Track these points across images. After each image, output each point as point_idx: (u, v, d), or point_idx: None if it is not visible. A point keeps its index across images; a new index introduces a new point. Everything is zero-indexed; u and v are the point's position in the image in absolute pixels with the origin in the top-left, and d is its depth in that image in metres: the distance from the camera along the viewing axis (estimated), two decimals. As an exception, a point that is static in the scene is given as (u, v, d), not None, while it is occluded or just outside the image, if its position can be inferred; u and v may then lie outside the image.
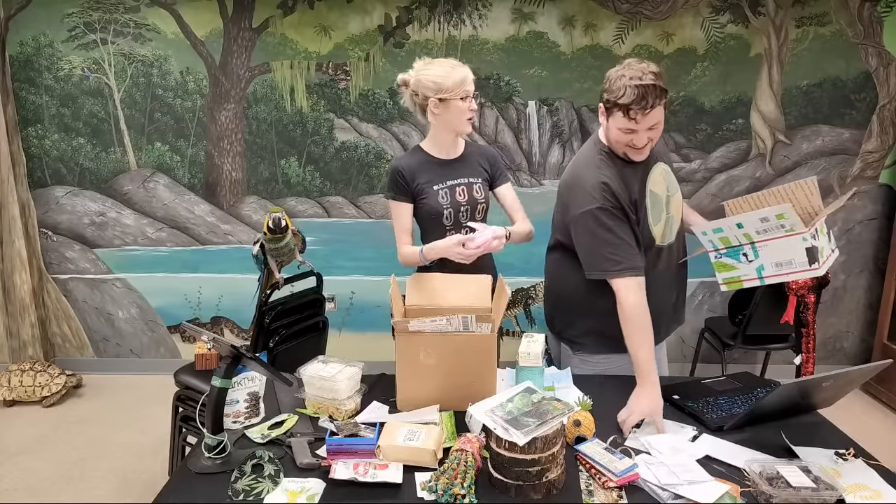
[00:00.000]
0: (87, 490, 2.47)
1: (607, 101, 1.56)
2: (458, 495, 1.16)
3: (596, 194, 1.59)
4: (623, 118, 1.52)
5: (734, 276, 1.66)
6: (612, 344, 1.76)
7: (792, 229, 1.51)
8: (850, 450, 1.34)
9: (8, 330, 3.46)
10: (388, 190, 1.97)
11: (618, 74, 1.53)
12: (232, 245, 3.49)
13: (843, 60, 3.16)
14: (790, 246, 1.52)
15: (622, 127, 1.54)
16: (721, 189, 3.34)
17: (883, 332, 3.28)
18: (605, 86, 1.57)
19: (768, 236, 1.55)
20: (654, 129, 1.56)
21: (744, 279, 1.65)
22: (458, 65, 1.85)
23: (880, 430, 2.98)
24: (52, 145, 3.35)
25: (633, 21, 3.15)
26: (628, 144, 1.58)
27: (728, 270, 1.66)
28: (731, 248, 1.63)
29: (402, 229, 1.96)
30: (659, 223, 1.68)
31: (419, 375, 1.50)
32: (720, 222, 1.62)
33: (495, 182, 2.01)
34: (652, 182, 1.68)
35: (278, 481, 1.24)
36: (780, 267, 1.57)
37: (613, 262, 1.59)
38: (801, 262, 1.53)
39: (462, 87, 1.82)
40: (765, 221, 1.53)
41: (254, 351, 2.26)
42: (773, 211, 1.51)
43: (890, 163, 3.29)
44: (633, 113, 1.50)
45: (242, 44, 3.22)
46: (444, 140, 1.94)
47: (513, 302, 3.47)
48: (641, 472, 1.24)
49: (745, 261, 1.62)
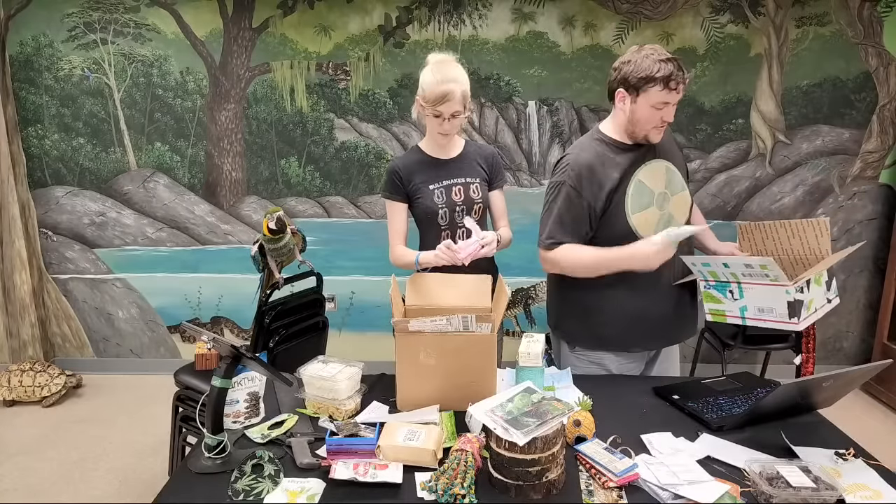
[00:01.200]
0: (87, 490, 2.47)
1: (640, 80, 1.58)
2: (458, 495, 1.16)
3: (562, 170, 1.69)
4: (661, 91, 1.56)
5: (720, 309, 1.69)
6: (611, 342, 1.77)
7: (776, 280, 1.52)
8: (850, 450, 1.34)
9: (8, 330, 3.46)
10: (384, 189, 1.97)
11: (641, 55, 1.59)
12: (232, 245, 3.49)
13: (843, 60, 3.16)
14: (774, 295, 1.55)
15: (658, 102, 1.58)
16: (721, 189, 3.34)
17: (883, 332, 3.28)
18: (625, 69, 1.61)
19: (753, 280, 1.58)
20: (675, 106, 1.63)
21: (728, 315, 1.67)
22: (449, 74, 1.76)
23: (880, 430, 2.98)
24: (52, 145, 3.35)
25: (633, 21, 3.15)
26: (660, 121, 1.62)
27: (715, 303, 1.69)
28: (719, 283, 1.65)
29: (395, 231, 1.97)
30: (639, 214, 1.68)
31: (419, 375, 1.50)
32: (709, 258, 1.67)
33: (491, 185, 2.00)
34: (644, 173, 1.69)
35: (278, 481, 1.24)
36: (762, 312, 1.60)
37: (547, 233, 1.71)
38: (781, 313, 1.56)
39: (436, 105, 1.77)
40: (749, 268, 1.56)
41: (254, 351, 2.26)
42: (757, 261, 1.53)
43: (890, 163, 3.29)
44: (675, 83, 1.56)
45: (242, 44, 3.22)
46: (437, 140, 1.93)
47: (513, 302, 3.47)
48: (641, 472, 1.24)
49: (730, 297, 1.65)
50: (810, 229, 1.67)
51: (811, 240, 1.67)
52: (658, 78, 1.55)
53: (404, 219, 1.98)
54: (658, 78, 1.55)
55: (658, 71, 1.55)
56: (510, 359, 1.70)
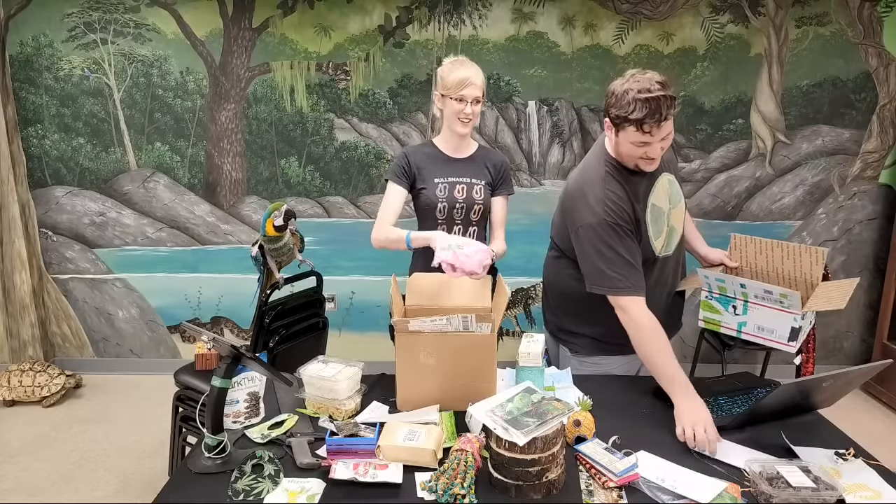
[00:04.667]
0: (87, 490, 2.47)
1: (617, 117, 1.49)
2: (458, 495, 1.16)
3: (599, 209, 1.56)
4: (636, 133, 1.47)
5: (715, 319, 1.73)
6: (610, 347, 1.76)
7: (789, 308, 1.57)
8: (850, 450, 1.34)
9: (8, 330, 3.46)
10: (389, 172, 1.98)
11: (623, 89, 1.47)
12: (232, 245, 3.49)
13: (843, 60, 3.16)
14: (780, 319, 1.60)
15: (635, 141, 1.49)
16: (721, 189, 3.34)
17: (883, 332, 3.28)
18: (609, 101, 1.52)
19: (764, 303, 1.61)
20: (666, 139, 1.52)
21: (722, 326, 1.72)
22: (467, 65, 1.87)
23: (880, 430, 2.98)
24: (52, 145, 3.35)
25: (633, 21, 3.15)
26: (641, 157, 1.53)
27: (712, 312, 1.71)
28: (724, 296, 1.66)
29: (387, 207, 1.93)
30: (660, 237, 1.67)
31: (419, 375, 1.50)
32: (725, 276, 1.67)
33: (496, 190, 2.02)
34: (655, 195, 1.65)
35: (278, 481, 1.24)
36: (762, 331, 1.65)
37: (615, 279, 1.56)
38: (782, 335, 1.62)
39: (459, 87, 1.83)
40: (768, 293, 1.61)
41: (254, 351, 2.26)
42: (780, 290, 1.57)
43: (890, 163, 3.29)
44: (648, 127, 1.45)
45: (242, 44, 3.22)
46: (450, 137, 1.96)
47: (513, 302, 3.47)
48: (641, 471, 1.24)
49: (731, 312, 1.68)
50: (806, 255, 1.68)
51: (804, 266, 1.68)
52: (631, 119, 1.45)
53: (400, 203, 1.96)
54: (631, 119, 1.45)
55: (633, 112, 1.44)
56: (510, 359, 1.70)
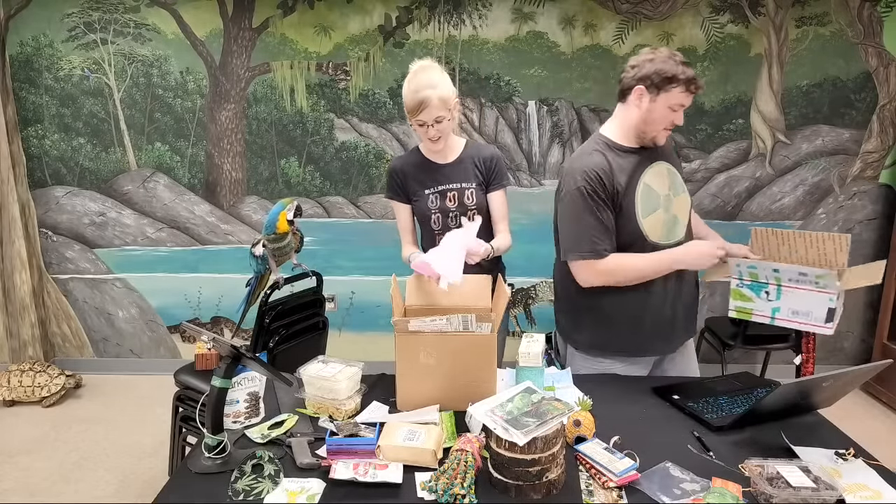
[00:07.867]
0: (87, 490, 2.47)
1: (665, 79, 1.58)
2: (458, 495, 1.16)
3: (578, 176, 1.64)
4: (682, 93, 1.59)
5: (747, 307, 1.69)
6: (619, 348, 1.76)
7: (824, 288, 1.56)
8: (850, 450, 1.34)
9: (8, 330, 3.46)
10: (387, 190, 1.98)
11: (662, 56, 1.60)
12: (232, 245, 3.49)
13: (843, 60, 3.16)
14: (815, 300, 1.58)
15: (676, 103, 1.61)
16: (721, 189, 3.34)
17: (883, 332, 3.28)
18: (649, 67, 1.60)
19: (798, 286, 1.60)
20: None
21: (755, 313, 1.69)
22: (424, 82, 1.76)
23: (880, 430, 2.98)
24: (52, 145, 3.35)
25: (633, 21, 3.15)
26: (671, 122, 1.64)
27: (743, 300, 1.69)
28: (755, 283, 1.65)
29: (403, 228, 2.00)
30: (649, 217, 1.67)
31: (419, 375, 1.50)
32: (758, 262, 1.66)
33: (489, 186, 1.96)
34: (650, 176, 1.68)
35: (278, 481, 1.24)
36: (796, 315, 1.63)
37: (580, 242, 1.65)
38: (818, 317, 1.59)
39: (415, 112, 1.77)
40: (802, 276, 1.59)
41: (254, 351, 2.26)
42: (815, 272, 1.57)
43: (890, 163, 3.29)
44: (695, 87, 1.60)
45: (242, 44, 3.22)
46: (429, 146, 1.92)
47: (513, 302, 3.47)
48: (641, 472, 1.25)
49: (764, 297, 1.66)
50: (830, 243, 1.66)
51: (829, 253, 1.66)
52: (681, 79, 1.58)
53: (409, 217, 1.99)
54: (681, 79, 1.58)
55: (682, 73, 1.58)
56: (510, 359, 1.70)
